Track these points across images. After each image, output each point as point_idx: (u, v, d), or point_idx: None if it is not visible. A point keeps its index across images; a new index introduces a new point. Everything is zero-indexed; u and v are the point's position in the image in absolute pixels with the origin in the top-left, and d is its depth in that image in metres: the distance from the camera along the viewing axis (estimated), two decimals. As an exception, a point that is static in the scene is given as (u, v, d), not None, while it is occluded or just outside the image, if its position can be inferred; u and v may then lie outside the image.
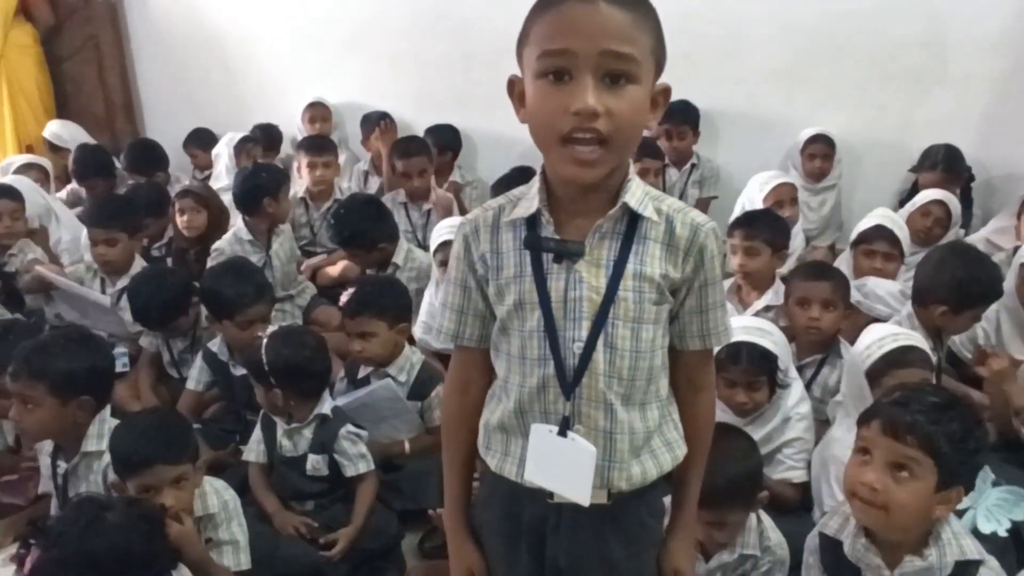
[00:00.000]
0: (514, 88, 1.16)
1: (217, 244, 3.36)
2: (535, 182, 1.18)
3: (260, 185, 3.35)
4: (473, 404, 1.31)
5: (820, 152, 3.92)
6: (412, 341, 2.82)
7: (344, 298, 2.63)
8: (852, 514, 1.59)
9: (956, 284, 2.41)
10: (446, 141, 4.45)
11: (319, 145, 4.18)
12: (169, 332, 2.84)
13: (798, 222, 3.52)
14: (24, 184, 3.68)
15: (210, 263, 3.22)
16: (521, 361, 1.20)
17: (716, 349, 1.28)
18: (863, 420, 1.58)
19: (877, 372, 2.03)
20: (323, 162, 4.09)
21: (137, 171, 4.37)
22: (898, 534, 1.53)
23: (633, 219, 1.16)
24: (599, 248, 1.15)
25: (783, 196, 3.38)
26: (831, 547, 1.63)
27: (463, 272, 1.24)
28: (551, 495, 1.22)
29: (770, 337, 2.15)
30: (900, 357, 2.01)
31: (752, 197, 3.42)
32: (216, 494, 1.92)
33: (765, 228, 2.82)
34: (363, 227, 3.21)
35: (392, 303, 2.50)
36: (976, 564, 1.54)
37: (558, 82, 1.06)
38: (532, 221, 1.18)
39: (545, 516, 1.25)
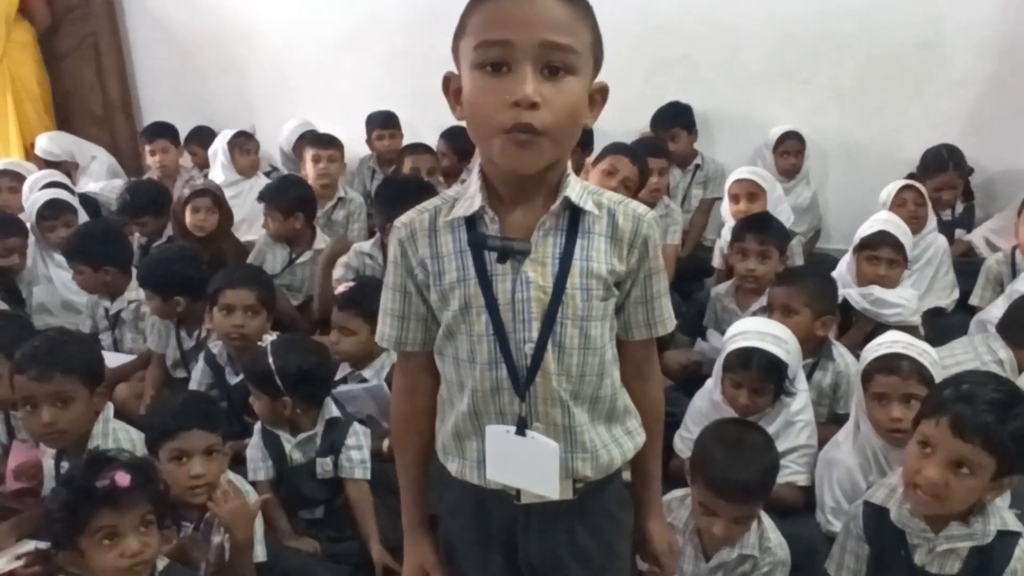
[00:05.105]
0: (449, 85, 1.14)
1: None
2: (473, 181, 1.16)
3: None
4: (422, 407, 1.29)
5: (792, 149, 3.92)
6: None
7: (341, 288, 2.68)
8: (907, 499, 1.61)
9: None
10: (463, 146, 4.25)
11: (326, 139, 4.05)
12: (181, 312, 2.78)
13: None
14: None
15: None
16: (471, 364, 1.17)
17: (661, 335, 1.26)
18: (928, 414, 1.57)
19: (865, 375, 2.03)
20: (328, 155, 3.93)
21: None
22: (948, 515, 1.59)
23: (575, 214, 1.14)
24: (543, 245, 1.13)
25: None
26: (874, 515, 1.67)
27: (401, 277, 1.21)
28: (518, 496, 1.22)
29: (784, 346, 2.13)
30: (887, 364, 1.98)
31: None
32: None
33: (777, 233, 2.84)
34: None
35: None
36: (1016, 535, 1.60)
37: (496, 73, 1.04)
38: (472, 221, 1.15)
39: (514, 518, 1.24)
